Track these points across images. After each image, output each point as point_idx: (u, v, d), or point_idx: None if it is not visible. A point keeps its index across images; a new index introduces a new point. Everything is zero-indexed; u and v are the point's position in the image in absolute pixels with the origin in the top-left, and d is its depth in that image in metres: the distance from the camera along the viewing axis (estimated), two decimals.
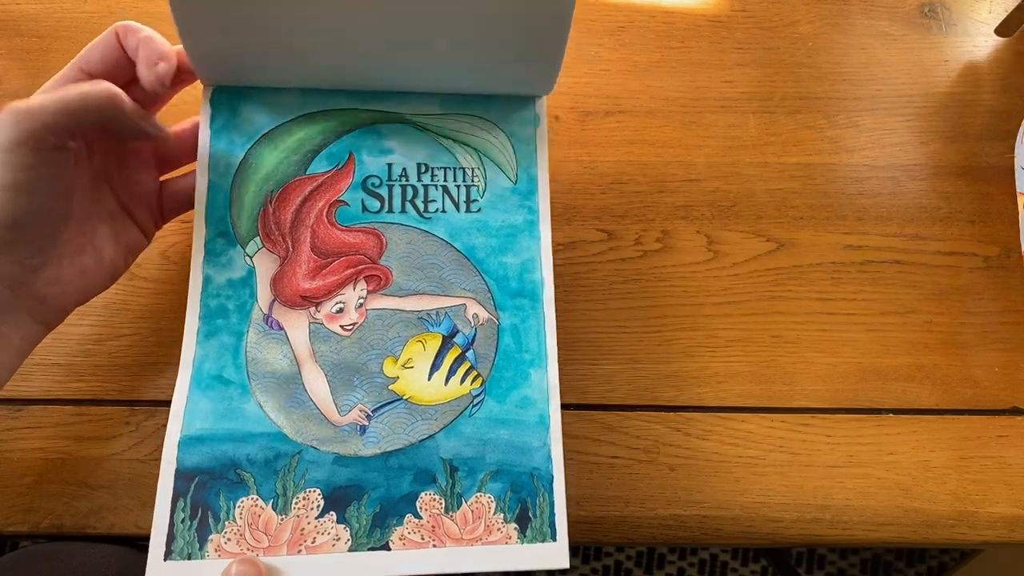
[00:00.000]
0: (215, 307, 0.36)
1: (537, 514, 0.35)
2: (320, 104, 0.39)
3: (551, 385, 0.37)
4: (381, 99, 0.39)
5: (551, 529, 0.35)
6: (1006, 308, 0.45)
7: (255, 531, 0.33)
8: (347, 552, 0.33)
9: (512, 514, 0.35)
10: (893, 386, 0.43)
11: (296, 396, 0.35)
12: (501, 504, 0.35)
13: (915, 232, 0.46)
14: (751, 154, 0.48)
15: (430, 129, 0.39)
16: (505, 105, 0.40)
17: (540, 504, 0.35)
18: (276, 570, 0.33)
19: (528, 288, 0.38)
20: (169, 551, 0.33)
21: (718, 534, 0.40)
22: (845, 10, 0.52)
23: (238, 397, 0.35)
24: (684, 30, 0.51)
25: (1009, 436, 0.42)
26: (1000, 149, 0.48)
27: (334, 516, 0.34)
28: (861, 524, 0.40)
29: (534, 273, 0.38)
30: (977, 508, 0.40)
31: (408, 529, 0.34)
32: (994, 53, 0.51)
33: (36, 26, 0.49)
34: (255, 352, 0.36)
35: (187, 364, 0.36)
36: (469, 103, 0.40)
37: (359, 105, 0.39)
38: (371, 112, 0.39)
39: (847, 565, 1.10)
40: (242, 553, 0.33)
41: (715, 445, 0.41)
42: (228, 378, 0.35)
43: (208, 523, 0.33)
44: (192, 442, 0.34)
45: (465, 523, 0.34)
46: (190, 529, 0.33)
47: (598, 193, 0.46)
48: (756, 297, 0.44)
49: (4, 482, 0.38)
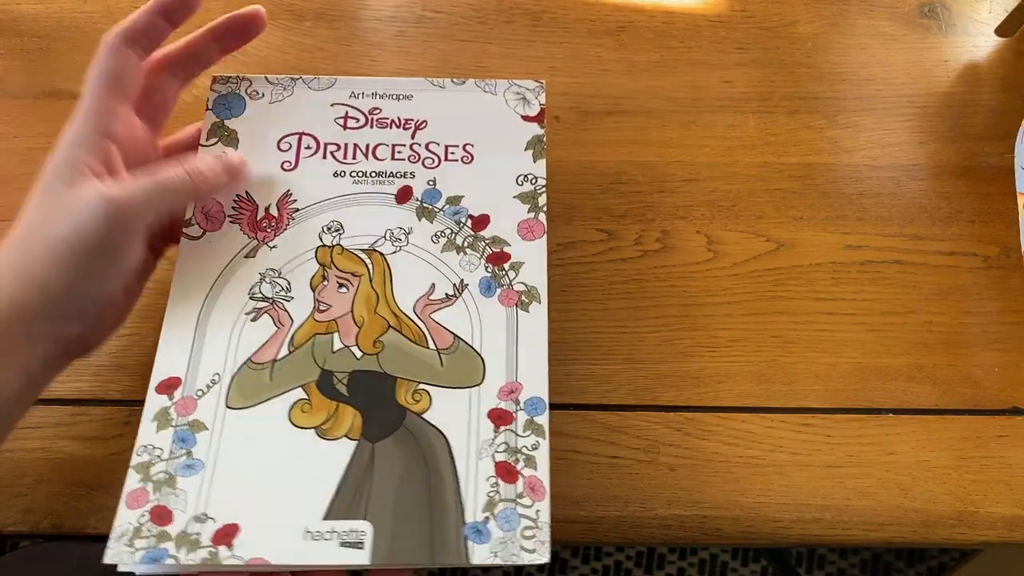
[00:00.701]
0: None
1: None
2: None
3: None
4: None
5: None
6: (1006, 308, 0.45)
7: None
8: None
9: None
10: (893, 386, 0.43)
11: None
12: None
13: (915, 232, 0.46)
14: (751, 154, 0.48)
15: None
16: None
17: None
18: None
19: None
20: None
21: (718, 534, 0.40)
22: (845, 10, 0.52)
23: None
24: (684, 30, 0.51)
25: (1009, 436, 0.42)
26: (1000, 149, 0.48)
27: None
28: (861, 524, 0.40)
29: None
30: (977, 508, 0.40)
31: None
32: (994, 53, 0.51)
33: (36, 26, 0.49)
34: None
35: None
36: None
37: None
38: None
39: (847, 565, 1.10)
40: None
41: (715, 445, 0.41)
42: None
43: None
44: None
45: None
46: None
47: (598, 193, 0.46)
48: (756, 297, 0.44)
49: (4, 482, 0.38)
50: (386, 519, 0.32)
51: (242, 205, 0.39)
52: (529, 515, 0.32)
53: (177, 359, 0.35)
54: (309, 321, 0.36)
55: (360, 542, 0.31)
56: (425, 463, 0.33)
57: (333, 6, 0.52)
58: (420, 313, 0.36)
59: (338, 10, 0.51)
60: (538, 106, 0.42)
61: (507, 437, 0.34)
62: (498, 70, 0.50)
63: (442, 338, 0.36)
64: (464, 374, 0.35)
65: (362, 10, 0.52)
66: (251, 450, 0.33)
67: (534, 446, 0.34)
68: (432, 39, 0.51)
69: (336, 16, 0.51)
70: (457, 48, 0.50)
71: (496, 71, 0.50)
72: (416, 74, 0.49)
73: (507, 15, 0.51)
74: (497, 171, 0.40)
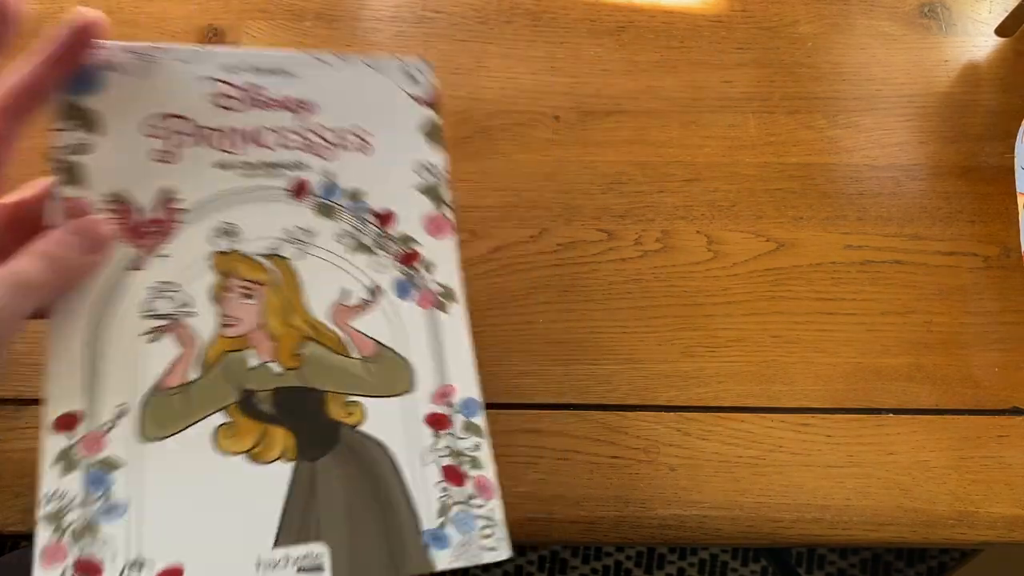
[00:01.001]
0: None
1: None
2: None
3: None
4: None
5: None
6: (1006, 308, 0.45)
7: None
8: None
9: None
10: (893, 386, 0.43)
11: None
12: None
13: (915, 232, 0.46)
14: (751, 154, 0.48)
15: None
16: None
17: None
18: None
19: None
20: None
21: (718, 534, 0.40)
22: (845, 10, 0.52)
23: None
24: (684, 30, 0.51)
25: (1009, 436, 0.42)
26: (1000, 149, 0.48)
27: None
28: (861, 524, 0.40)
29: None
30: (977, 508, 0.40)
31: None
32: (994, 53, 0.51)
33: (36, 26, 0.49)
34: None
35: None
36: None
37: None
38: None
39: (847, 565, 1.10)
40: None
41: (715, 445, 0.41)
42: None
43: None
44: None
45: None
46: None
47: (598, 193, 0.46)
48: (756, 297, 0.44)
49: (4, 482, 0.38)
50: (341, 538, 0.31)
51: (116, 209, 0.33)
52: (483, 515, 0.32)
53: (70, 392, 0.31)
54: (218, 338, 0.33)
55: (319, 565, 0.30)
56: (370, 477, 0.32)
57: (333, 6, 0.52)
58: (337, 321, 0.34)
59: (338, 10, 0.51)
60: (428, 87, 0.38)
61: (448, 441, 0.33)
62: (498, 70, 0.50)
63: (365, 346, 0.34)
64: (393, 381, 0.34)
65: (362, 10, 0.52)
66: (179, 484, 0.31)
67: (475, 447, 0.33)
68: (432, 39, 0.51)
69: (336, 16, 0.51)
70: (457, 48, 0.50)
71: (496, 71, 0.50)
72: None
73: (507, 15, 0.51)
74: (395, 159, 0.37)
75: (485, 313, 0.44)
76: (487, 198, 0.46)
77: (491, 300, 0.44)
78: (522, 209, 0.46)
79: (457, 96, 0.48)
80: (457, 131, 0.47)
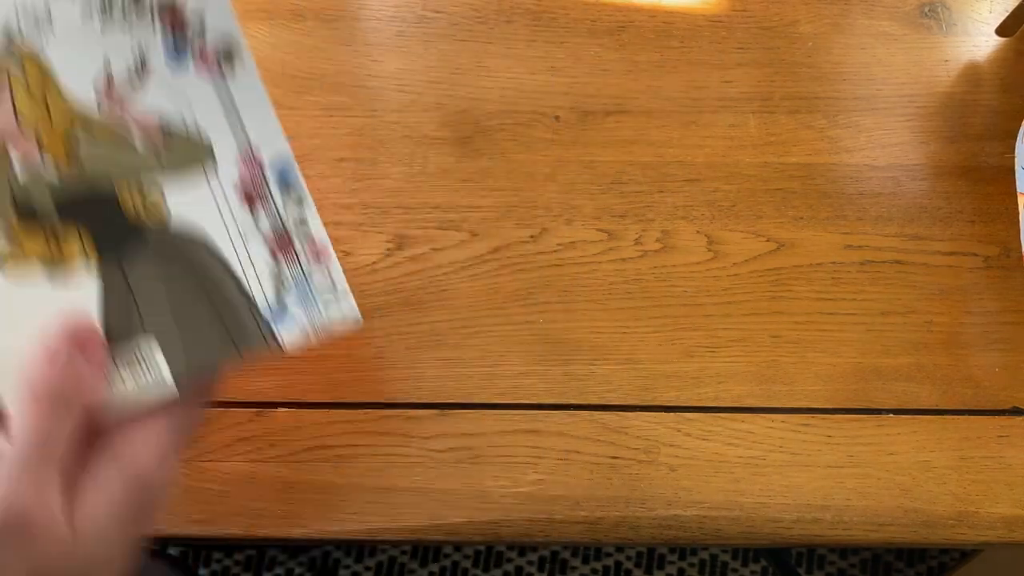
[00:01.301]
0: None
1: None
2: None
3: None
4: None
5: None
6: (1006, 308, 0.45)
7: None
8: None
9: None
10: (893, 386, 0.43)
11: None
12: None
13: (915, 232, 0.46)
14: (751, 154, 0.48)
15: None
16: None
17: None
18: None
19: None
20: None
21: (718, 534, 0.40)
22: (845, 10, 0.52)
23: None
24: (684, 30, 0.50)
25: (1009, 436, 0.42)
26: (1000, 149, 0.48)
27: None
28: (861, 524, 0.40)
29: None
30: (977, 508, 0.40)
31: None
32: (994, 53, 0.51)
33: None
34: None
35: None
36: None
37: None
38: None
39: (847, 565, 1.10)
40: None
41: (715, 445, 0.41)
42: None
43: None
44: None
45: None
46: None
47: (598, 193, 0.46)
48: (756, 297, 0.44)
49: None
50: (169, 330, 0.28)
51: None
52: (323, 281, 0.30)
53: None
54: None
55: (149, 358, 0.28)
56: (191, 269, 0.29)
57: (333, 6, 0.52)
58: (107, 106, 0.30)
59: (338, 10, 0.51)
60: None
61: (266, 211, 0.30)
62: (498, 70, 0.50)
63: (145, 126, 0.30)
64: (188, 159, 0.30)
65: (362, 10, 0.52)
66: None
67: (298, 205, 0.31)
68: (432, 39, 0.51)
69: (336, 16, 0.51)
70: (457, 48, 0.50)
71: (496, 71, 0.50)
72: (417, 75, 0.49)
73: (507, 15, 0.51)
74: None
75: (485, 313, 0.44)
76: (487, 198, 0.46)
77: (491, 300, 0.44)
78: (522, 209, 0.46)
79: (457, 96, 0.48)
80: (457, 131, 0.47)
